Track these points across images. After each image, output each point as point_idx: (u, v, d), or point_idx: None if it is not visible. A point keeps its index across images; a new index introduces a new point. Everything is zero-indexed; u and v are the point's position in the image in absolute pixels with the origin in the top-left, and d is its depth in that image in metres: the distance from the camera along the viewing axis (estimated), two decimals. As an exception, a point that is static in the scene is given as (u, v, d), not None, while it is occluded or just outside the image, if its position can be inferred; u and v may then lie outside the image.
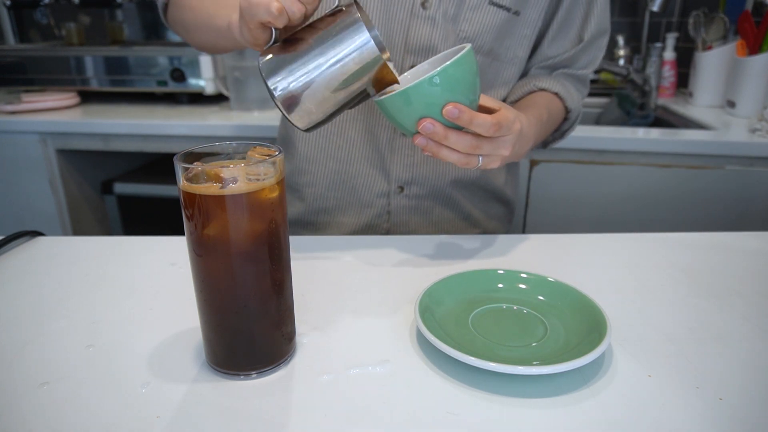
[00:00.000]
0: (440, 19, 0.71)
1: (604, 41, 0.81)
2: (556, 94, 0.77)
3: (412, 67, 0.73)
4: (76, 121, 1.44)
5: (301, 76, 0.52)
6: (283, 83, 0.52)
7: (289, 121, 0.54)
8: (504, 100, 0.82)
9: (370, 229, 0.83)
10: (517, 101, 0.78)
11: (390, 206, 0.80)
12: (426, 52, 0.72)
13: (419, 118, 0.53)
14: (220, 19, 0.67)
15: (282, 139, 0.87)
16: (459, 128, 0.54)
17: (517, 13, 0.73)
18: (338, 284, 0.61)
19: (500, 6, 0.71)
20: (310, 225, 0.86)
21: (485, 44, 0.74)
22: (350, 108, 0.57)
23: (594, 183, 1.28)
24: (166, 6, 0.82)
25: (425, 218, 0.82)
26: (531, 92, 0.78)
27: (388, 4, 0.71)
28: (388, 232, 0.82)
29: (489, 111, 0.58)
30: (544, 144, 0.86)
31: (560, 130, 0.83)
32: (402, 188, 0.80)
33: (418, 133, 0.54)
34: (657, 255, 0.68)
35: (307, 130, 0.56)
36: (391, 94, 0.53)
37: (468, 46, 0.53)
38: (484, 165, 0.58)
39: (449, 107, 0.52)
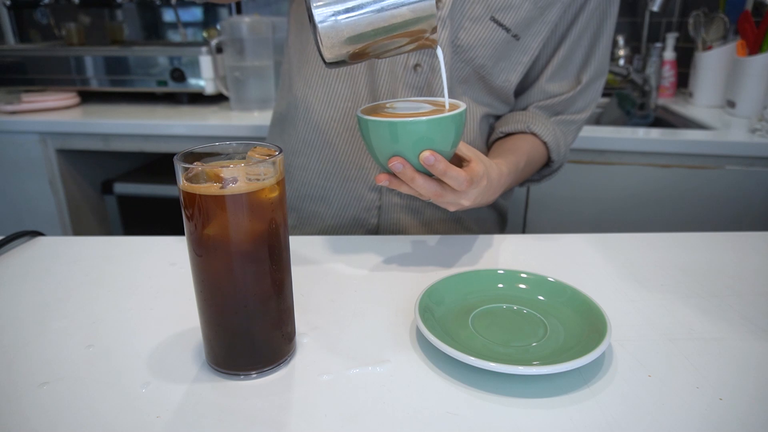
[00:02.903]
0: (448, 22, 0.71)
1: (601, 84, 0.83)
2: (544, 143, 0.79)
3: (416, 67, 0.74)
4: (76, 121, 1.45)
5: (350, 4, 0.49)
6: (329, 7, 0.49)
7: (319, 47, 0.51)
8: (487, 118, 0.83)
9: (357, 222, 0.82)
10: (505, 136, 0.81)
11: (381, 201, 0.80)
12: (430, 51, 0.72)
13: (394, 153, 0.54)
14: None
15: (281, 117, 0.86)
16: (428, 172, 0.55)
17: (516, 36, 0.74)
18: (338, 284, 0.61)
19: (501, 25, 0.72)
20: (293, 211, 0.86)
21: (477, 58, 0.74)
22: (377, 57, 0.55)
23: (594, 183, 1.28)
24: None
25: (416, 218, 0.82)
26: (522, 132, 0.80)
27: None
28: (377, 228, 0.82)
29: (461, 158, 0.60)
30: (522, 183, 0.88)
31: (540, 173, 0.86)
32: None
33: (385, 163, 0.55)
34: (657, 255, 0.68)
35: (329, 65, 0.54)
36: (379, 119, 0.53)
37: (464, 106, 0.54)
38: (438, 204, 0.60)
39: (426, 154, 0.53)
